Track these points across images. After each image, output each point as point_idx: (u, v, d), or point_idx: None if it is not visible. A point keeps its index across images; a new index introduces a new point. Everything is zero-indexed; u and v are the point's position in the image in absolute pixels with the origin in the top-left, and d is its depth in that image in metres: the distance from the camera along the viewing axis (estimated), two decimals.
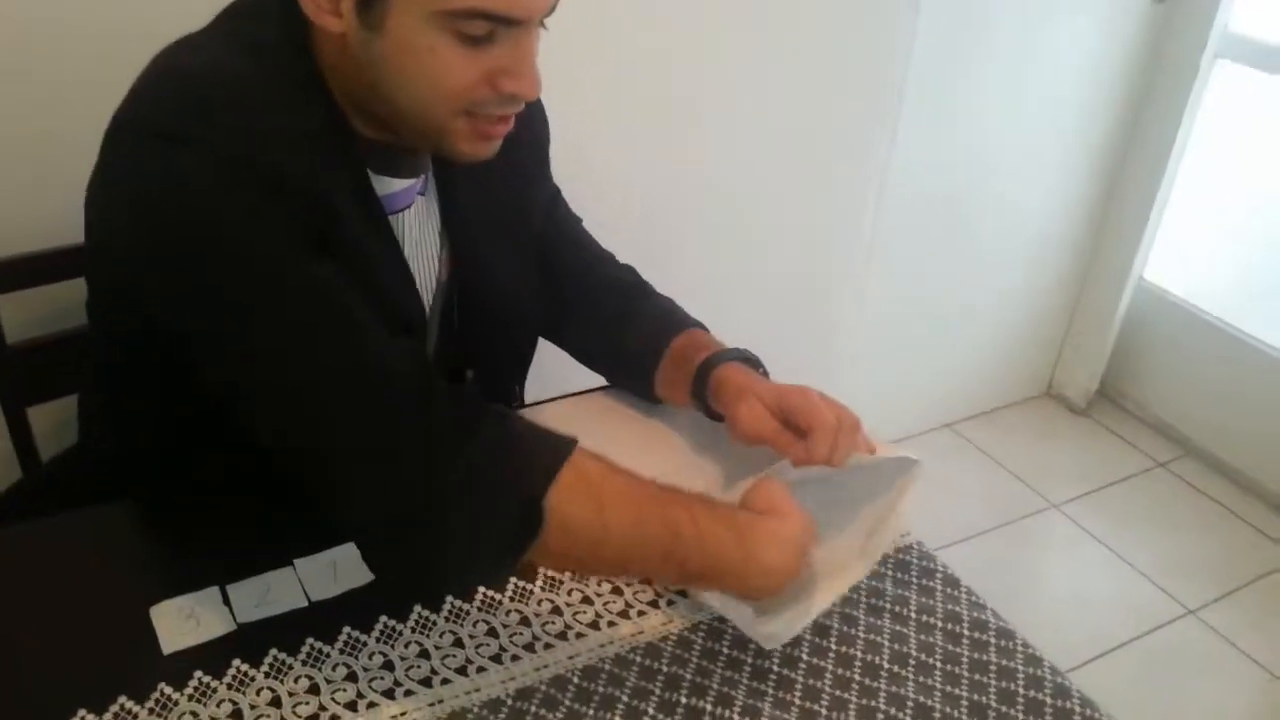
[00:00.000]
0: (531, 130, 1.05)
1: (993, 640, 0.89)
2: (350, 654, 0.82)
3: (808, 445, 0.90)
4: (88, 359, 1.00)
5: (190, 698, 0.77)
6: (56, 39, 1.16)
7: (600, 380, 1.16)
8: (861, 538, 0.93)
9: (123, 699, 0.76)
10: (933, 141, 2.06)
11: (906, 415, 2.48)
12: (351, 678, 0.80)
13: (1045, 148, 2.27)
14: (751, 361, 1.01)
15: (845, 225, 2.04)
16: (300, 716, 0.77)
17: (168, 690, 0.77)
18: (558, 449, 0.79)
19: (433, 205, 0.97)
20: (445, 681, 0.80)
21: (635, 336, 1.08)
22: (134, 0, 1.16)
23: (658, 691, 0.82)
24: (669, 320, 1.08)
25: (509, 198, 1.03)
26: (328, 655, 0.82)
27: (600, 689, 0.81)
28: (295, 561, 0.89)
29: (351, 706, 0.78)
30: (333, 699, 0.78)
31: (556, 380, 1.18)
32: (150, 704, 0.77)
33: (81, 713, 0.75)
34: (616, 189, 1.66)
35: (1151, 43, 2.23)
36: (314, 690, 0.79)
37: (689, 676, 0.83)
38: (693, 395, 1.01)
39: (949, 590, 0.94)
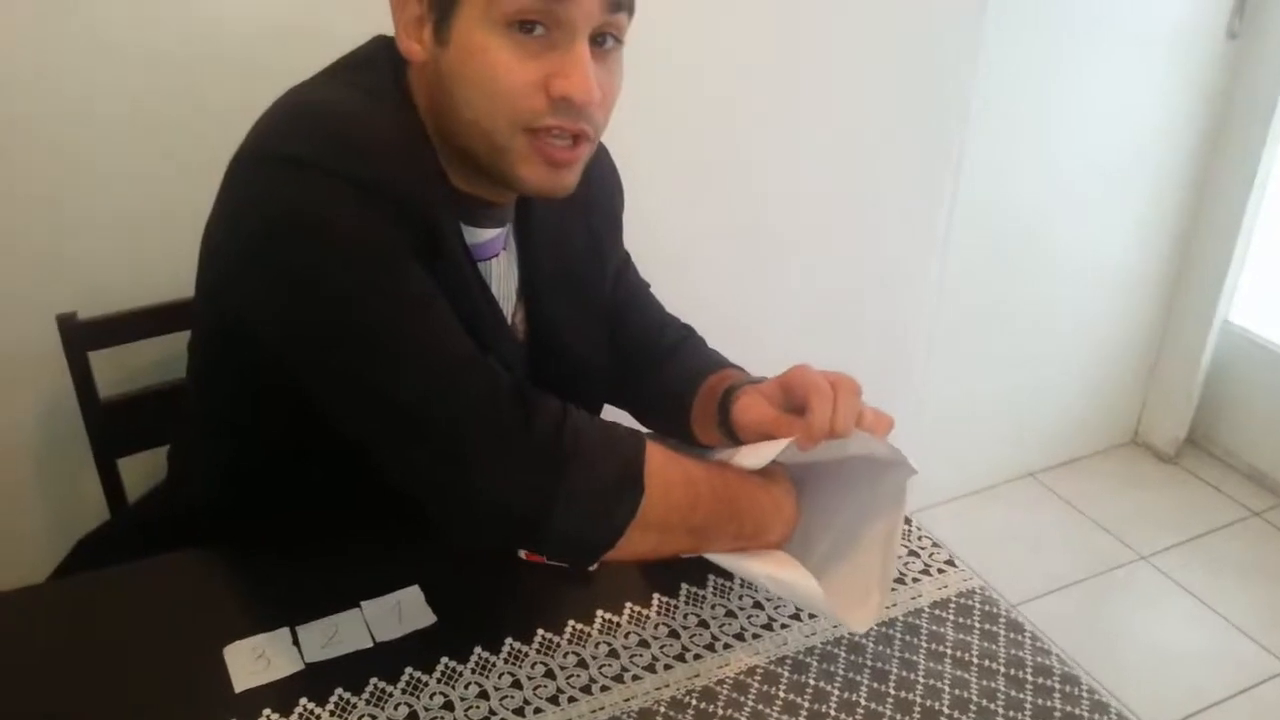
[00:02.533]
0: (606, 193, 1.09)
1: (1057, 686, 0.87)
2: (412, 694, 0.84)
3: (808, 420, 0.89)
4: (182, 404, 1.06)
5: None
6: (151, 110, 1.24)
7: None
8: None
9: None
10: (1001, 182, 2.05)
11: (986, 465, 2.43)
12: (413, 717, 0.82)
13: (1119, 187, 2.24)
14: None
15: (912, 268, 2.03)
16: None
17: None
18: (637, 432, 0.88)
19: (512, 261, 1.01)
20: None
21: (674, 379, 1.10)
22: (233, 80, 1.23)
23: None
24: (709, 363, 1.10)
25: (584, 261, 1.06)
26: (390, 695, 0.84)
27: None
28: (362, 604, 0.92)
29: None
30: None
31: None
32: None
33: None
34: (675, 230, 1.68)
35: (1227, 77, 2.20)
36: None
37: (743, 719, 0.83)
38: (719, 426, 1.01)
39: (1012, 635, 0.92)
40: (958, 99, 1.88)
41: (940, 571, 1.00)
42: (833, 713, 0.84)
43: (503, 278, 0.99)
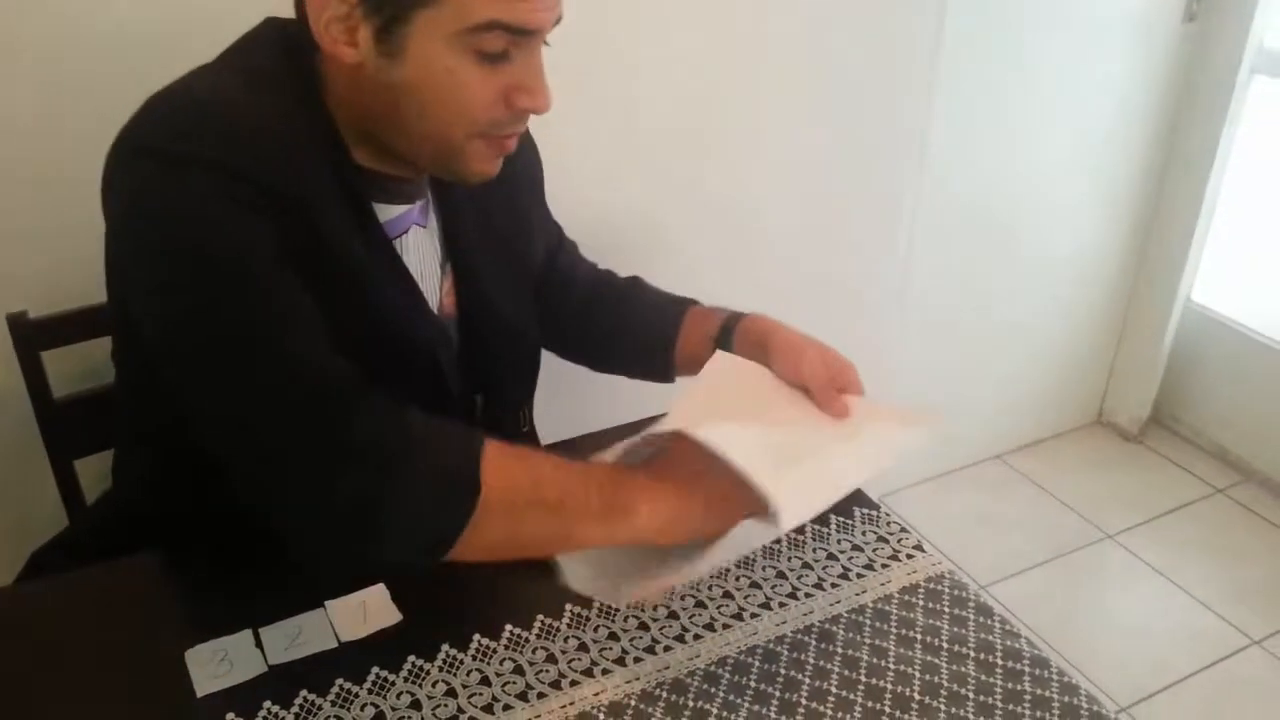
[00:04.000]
0: (525, 162, 1.10)
1: (1027, 669, 0.87)
2: (379, 694, 0.83)
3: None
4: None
5: None
6: (105, 92, 1.21)
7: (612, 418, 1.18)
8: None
9: None
10: (963, 166, 2.05)
11: (953, 447, 2.45)
12: (379, 718, 0.81)
13: (1081, 169, 2.25)
14: None
15: (876, 256, 2.04)
16: None
17: None
18: (473, 430, 0.82)
19: (433, 236, 1.00)
20: None
21: (649, 316, 1.15)
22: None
23: None
24: (674, 299, 1.16)
25: (508, 228, 1.06)
26: (356, 695, 0.82)
27: None
28: (326, 603, 0.90)
29: None
30: None
31: (568, 410, 1.24)
32: None
33: None
34: (638, 219, 1.68)
35: (1185, 60, 2.21)
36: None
37: (715, 710, 0.83)
38: (715, 345, 1.07)
39: (981, 619, 0.93)
40: (921, 87, 1.89)
41: (909, 557, 1.00)
42: (804, 701, 0.84)
43: (422, 251, 0.98)
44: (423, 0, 0.78)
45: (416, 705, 0.82)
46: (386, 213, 0.92)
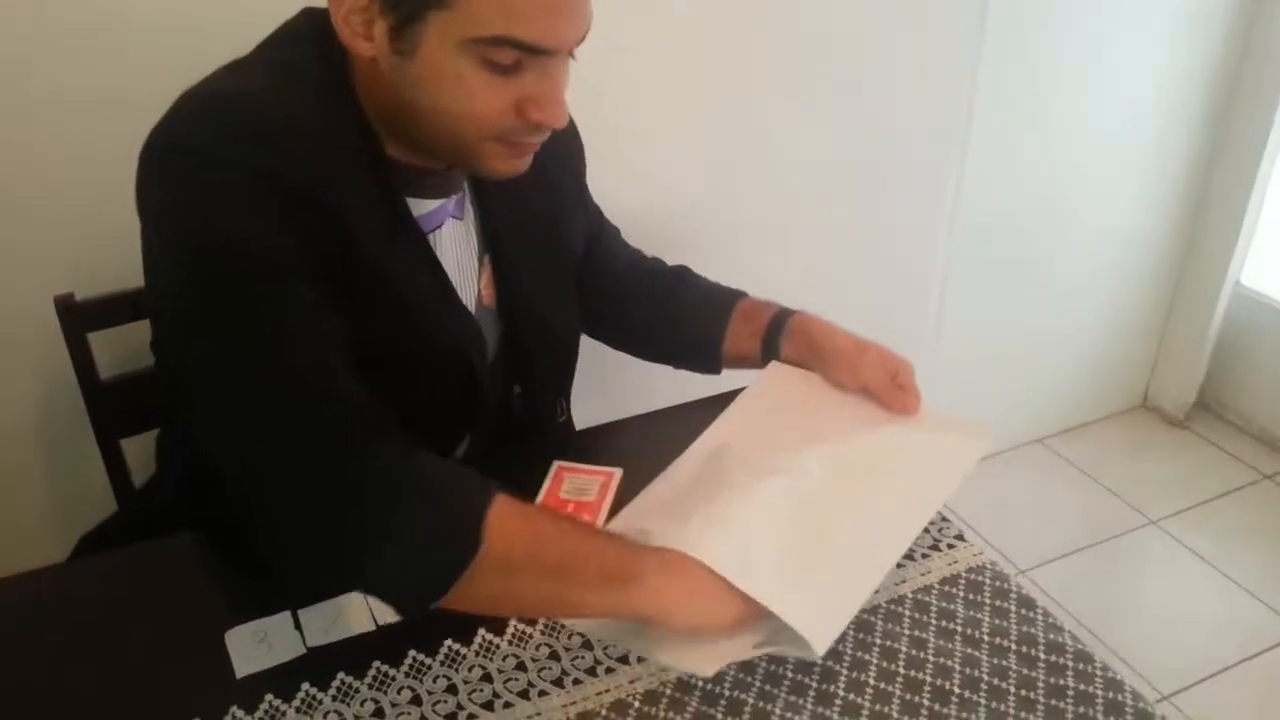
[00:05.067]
0: (567, 152, 1.08)
1: (1070, 664, 0.86)
2: (415, 677, 0.83)
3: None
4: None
5: None
6: (150, 77, 1.22)
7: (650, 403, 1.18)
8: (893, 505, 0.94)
9: None
10: (1010, 146, 2.01)
11: (996, 430, 2.39)
12: (416, 700, 0.81)
13: (1130, 150, 2.20)
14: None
15: (921, 235, 2.01)
16: None
17: (239, 713, 0.80)
18: (488, 483, 0.79)
19: (470, 228, 0.99)
20: (507, 705, 0.81)
21: (696, 310, 1.14)
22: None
23: (719, 717, 0.81)
24: (722, 293, 1.16)
25: (546, 221, 1.05)
26: (393, 679, 0.83)
27: None
28: None
29: None
30: None
31: (607, 399, 1.23)
32: None
33: None
34: (680, 219, 1.67)
35: (1240, 36, 2.15)
36: (379, 714, 0.80)
37: (751, 700, 0.82)
38: (763, 343, 1.09)
39: (1024, 611, 0.91)
40: (966, 64, 1.85)
41: (950, 547, 0.99)
42: (841, 692, 0.83)
43: (459, 245, 0.97)
44: (436, 1, 0.76)
45: (453, 689, 0.82)
46: (421, 207, 0.91)
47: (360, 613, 0.88)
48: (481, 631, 0.87)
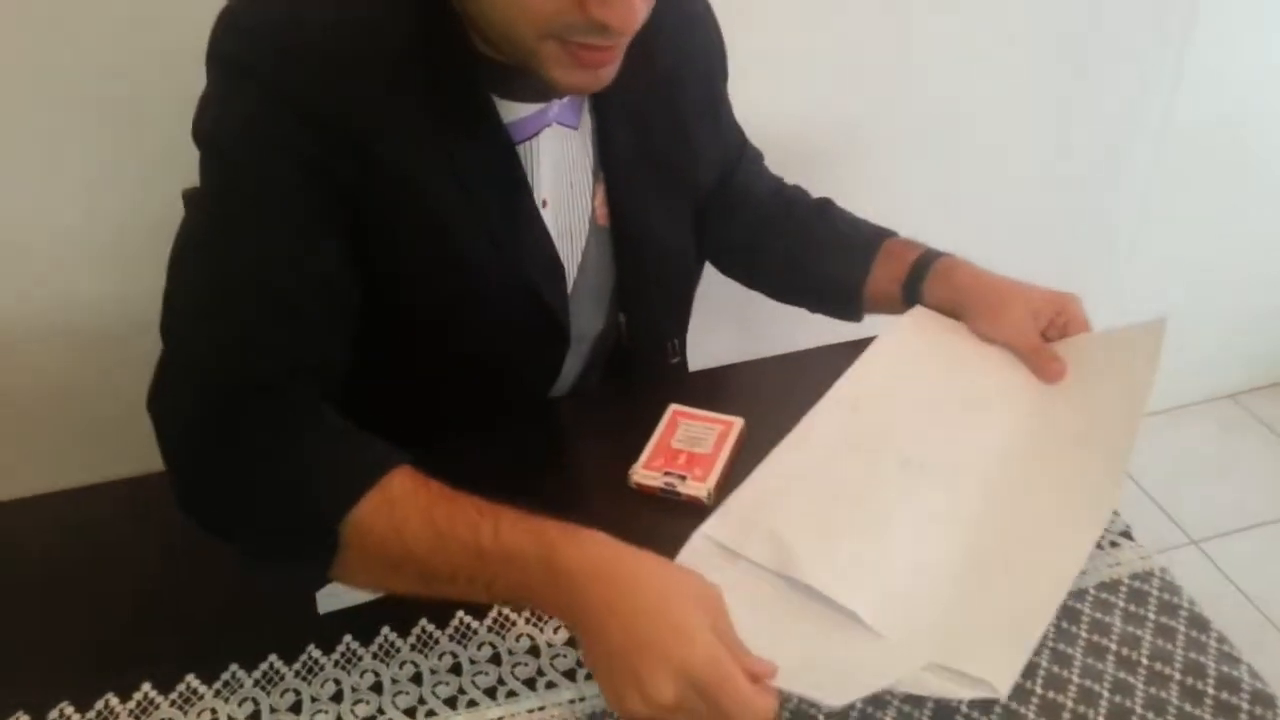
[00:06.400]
0: (703, 53, 0.98)
1: (1245, 706, 0.73)
2: (498, 633, 0.78)
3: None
4: None
5: (336, 664, 0.76)
6: None
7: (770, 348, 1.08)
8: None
9: (273, 658, 0.77)
10: (1223, 85, 1.76)
11: (1179, 382, 2.18)
12: (496, 659, 0.76)
13: None
14: None
15: (1118, 171, 1.79)
16: (439, 697, 0.74)
17: (315, 653, 0.77)
18: (369, 468, 0.70)
19: (585, 139, 0.90)
20: (512, 693, 0.75)
21: (836, 252, 1.03)
22: None
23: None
24: (867, 233, 1.04)
25: (671, 145, 0.95)
26: (475, 631, 0.78)
27: None
28: None
29: (490, 693, 0.74)
30: (472, 683, 0.75)
31: (722, 339, 1.18)
32: (297, 666, 0.76)
33: (233, 667, 0.76)
34: (835, 131, 1.55)
35: None
36: (456, 670, 0.76)
37: (853, 714, 0.73)
38: (904, 287, 0.98)
39: (1194, 634, 0.78)
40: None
41: (1113, 545, 0.86)
42: (964, 709, 0.73)
43: (569, 155, 0.89)
44: None
45: (535, 652, 0.77)
46: (514, 111, 0.82)
47: None
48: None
